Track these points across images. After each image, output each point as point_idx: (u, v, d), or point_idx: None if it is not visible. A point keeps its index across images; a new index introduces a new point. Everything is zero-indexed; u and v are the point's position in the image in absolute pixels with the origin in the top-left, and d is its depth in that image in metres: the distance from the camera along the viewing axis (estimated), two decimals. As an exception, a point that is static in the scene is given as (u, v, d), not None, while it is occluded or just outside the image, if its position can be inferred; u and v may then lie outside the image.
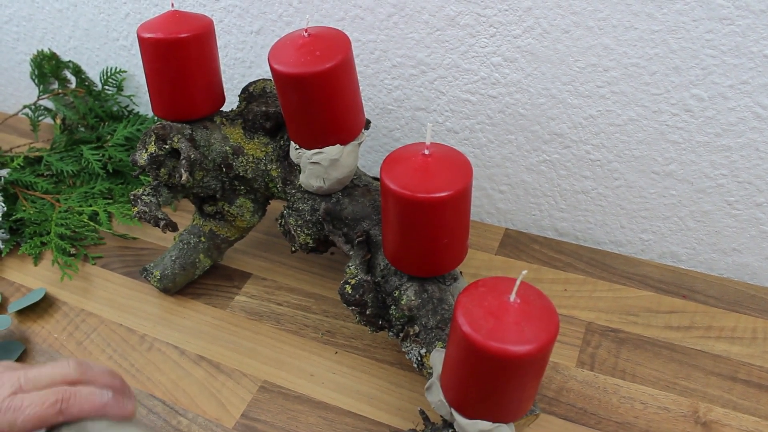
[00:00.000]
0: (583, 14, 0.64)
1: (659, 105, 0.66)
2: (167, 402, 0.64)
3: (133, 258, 0.82)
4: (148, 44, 0.61)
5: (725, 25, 0.59)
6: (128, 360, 0.69)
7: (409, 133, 0.82)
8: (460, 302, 0.44)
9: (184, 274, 0.74)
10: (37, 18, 1.00)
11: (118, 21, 0.93)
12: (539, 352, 0.41)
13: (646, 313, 0.69)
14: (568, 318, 0.69)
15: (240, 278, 0.78)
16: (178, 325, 0.72)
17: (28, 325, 0.73)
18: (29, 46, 1.05)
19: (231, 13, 0.84)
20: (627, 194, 0.75)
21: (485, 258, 0.78)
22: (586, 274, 0.75)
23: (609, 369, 0.64)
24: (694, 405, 0.60)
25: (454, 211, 0.49)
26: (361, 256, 0.60)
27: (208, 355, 0.68)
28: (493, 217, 0.86)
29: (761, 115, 0.63)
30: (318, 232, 0.65)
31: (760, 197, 0.68)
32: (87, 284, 0.78)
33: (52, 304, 0.76)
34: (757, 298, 0.70)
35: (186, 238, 0.74)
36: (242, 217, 0.72)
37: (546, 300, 0.44)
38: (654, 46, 0.63)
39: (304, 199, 0.65)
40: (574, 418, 0.60)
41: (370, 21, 0.75)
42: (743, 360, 0.64)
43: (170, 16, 0.62)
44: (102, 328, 0.72)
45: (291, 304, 0.74)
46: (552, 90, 0.70)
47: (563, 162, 0.75)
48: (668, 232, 0.75)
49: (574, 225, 0.81)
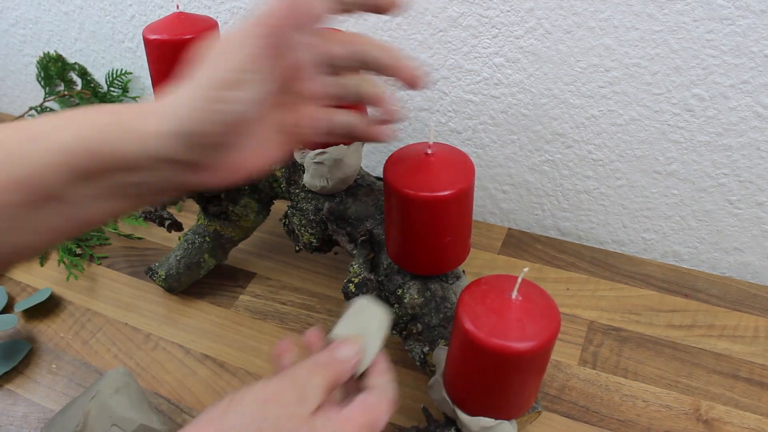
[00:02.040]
0: (584, 15, 0.64)
1: (661, 105, 0.67)
2: (172, 400, 0.64)
3: (139, 258, 0.83)
4: (154, 46, 0.62)
5: (726, 25, 0.60)
6: (133, 359, 0.69)
7: (412, 134, 0.83)
8: (463, 299, 0.44)
9: (189, 274, 0.74)
10: (44, 20, 1.01)
11: (124, 23, 0.94)
12: (541, 349, 0.42)
13: (648, 312, 0.69)
14: (571, 317, 0.70)
15: (244, 278, 0.78)
16: (183, 324, 0.73)
17: (34, 325, 0.74)
18: (35, 48, 1.06)
19: (236, 15, 0.84)
20: (629, 194, 0.75)
21: (488, 258, 0.78)
22: (589, 273, 0.75)
23: (611, 367, 0.64)
24: (695, 403, 0.60)
25: (456, 210, 0.50)
26: (364, 255, 0.60)
27: (212, 354, 0.69)
28: (495, 217, 0.86)
29: (762, 114, 0.63)
30: (322, 232, 0.65)
31: (761, 196, 0.68)
32: (92, 284, 0.79)
33: (58, 303, 0.77)
34: (759, 297, 0.70)
35: (191, 238, 0.74)
36: (246, 217, 0.72)
37: (547, 297, 0.44)
38: (655, 47, 0.63)
39: (308, 199, 0.65)
40: (576, 416, 0.60)
41: (373, 22, 0.75)
42: (745, 358, 0.64)
43: (175, 18, 0.63)
44: (107, 328, 0.73)
45: (295, 304, 0.74)
46: (554, 90, 0.71)
47: (565, 162, 0.76)
48: (670, 232, 0.76)
49: (577, 224, 0.81)
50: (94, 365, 0.69)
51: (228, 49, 0.38)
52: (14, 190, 0.38)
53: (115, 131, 0.39)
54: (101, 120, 0.40)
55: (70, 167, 0.39)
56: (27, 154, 0.39)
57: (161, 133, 0.38)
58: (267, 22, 0.37)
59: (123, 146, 0.39)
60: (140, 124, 0.39)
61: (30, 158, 0.38)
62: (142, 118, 0.39)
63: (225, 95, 0.37)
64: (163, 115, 0.38)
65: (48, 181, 0.39)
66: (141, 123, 0.39)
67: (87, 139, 0.39)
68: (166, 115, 0.38)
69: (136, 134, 0.39)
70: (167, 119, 0.38)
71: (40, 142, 0.39)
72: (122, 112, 0.40)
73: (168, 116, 0.38)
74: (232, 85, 0.37)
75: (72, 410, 0.56)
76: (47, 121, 0.41)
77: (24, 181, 0.39)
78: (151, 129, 0.39)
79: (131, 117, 0.40)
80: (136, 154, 0.39)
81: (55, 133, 0.39)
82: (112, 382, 0.57)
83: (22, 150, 0.39)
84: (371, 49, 0.41)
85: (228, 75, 0.37)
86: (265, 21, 0.37)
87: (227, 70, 0.37)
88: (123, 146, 0.39)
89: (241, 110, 0.38)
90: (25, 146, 0.39)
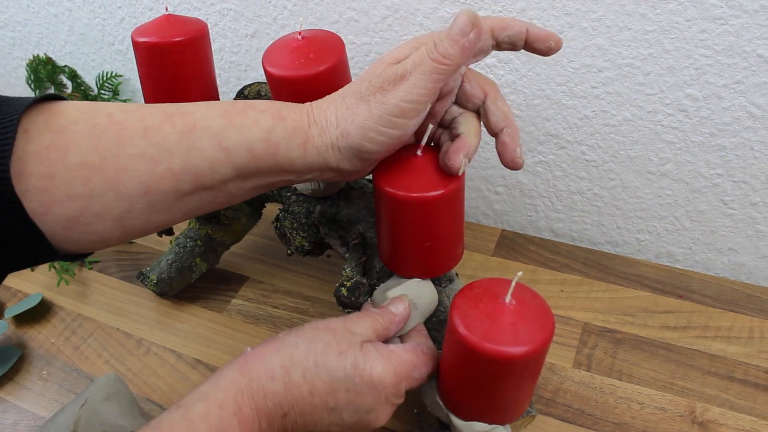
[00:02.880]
0: (576, 15, 0.64)
1: (654, 105, 0.66)
2: (164, 406, 0.64)
3: (130, 262, 0.82)
4: (143, 48, 0.61)
5: (719, 25, 0.59)
6: (125, 364, 0.68)
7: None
8: (456, 304, 0.44)
9: (181, 278, 0.74)
10: (33, 23, 1.00)
11: (114, 25, 0.93)
12: (535, 353, 0.41)
13: (642, 313, 0.69)
14: (565, 319, 0.69)
15: (236, 281, 0.78)
16: (175, 329, 0.72)
17: (24, 330, 0.73)
18: (25, 51, 1.05)
19: (226, 17, 0.84)
20: (623, 194, 0.75)
21: (481, 259, 0.78)
22: (583, 274, 0.75)
23: (606, 369, 0.64)
24: (690, 405, 0.60)
25: (447, 211, 0.49)
26: (356, 259, 0.60)
27: (205, 359, 0.68)
28: (489, 219, 0.86)
29: (755, 114, 0.63)
30: (314, 235, 0.65)
31: (755, 196, 0.68)
32: (84, 289, 0.78)
33: (49, 309, 0.76)
34: (753, 298, 0.70)
35: (182, 241, 0.74)
36: (238, 221, 0.72)
37: (541, 301, 0.44)
38: (648, 47, 0.63)
39: (300, 202, 0.65)
40: (570, 419, 0.60)
41: (364, 23, 0.75)
42: (740, 359, 0.64)
43: (164, 20, 0.62)
44: (99, 333, 0.72)
45: (287, 307, 0.74)
46: (547, 91, 0.70)
47: (559, 163, 0.75)
48: (664, 232, 0.75)
49: (570, 226, 0.81)
50: (86, 371, 0.68)
51: (405, 76, 0.42)
52: (187, 180, 0.42)
53: (282, 138, 0.43)
54: (265, 123, 0.43)
55: (233, 165, 0.43)
56: (199, 147, 0.42)
57: (331, 146, 0.43)
58: (445, 62, 0.41)
59: (289, 153, 0.43)
60: (308, 135, 0.43)
61: (202, 150, 0.42)
62: (308, 128, 0.44)
63: (396, 122, 0.42)
64: (335, 129, 0.43)
65: (217, 175, 0.43)
66: (308, 133, 0.43)
67: (250, 142, 0.43)
68: (338, 130, 0.43)
69: (304, 143, 0.43)
70: (339, 135, 0.43)
71: (203, 137, 0.42)
72: (285, 117, 0.44)
73: (340, 132, 0.43)
74: (404, 114, 0.42)
75: (62, 418, 0.56)
76: (202, 111, 0.44)
77: (197, 173, 0.43)
78: (318, 142, 0.43)
79: (296, 124, 0.44)
80: (301, 160, 0.44)
81: (215, 128, 0.43)
82: (102, 389, 0.57)
83: (189, 142, 0.42)
84: (495, 95, 0.45)
85: (403, 106, 0.42)
86: (443, 60, 0.41)
87: (404, 101, 0.42)
88: (289, 153, 0.43)
89: (405, 134, 0.44)
90: (191, 138, 0.42)
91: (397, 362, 0.46)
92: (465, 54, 0.41)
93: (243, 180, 0.44)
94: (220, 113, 0.43)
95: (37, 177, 0.39)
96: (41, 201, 0.39)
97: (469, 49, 0.41)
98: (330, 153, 0.44)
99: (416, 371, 0.47)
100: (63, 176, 0.39)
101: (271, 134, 0.43)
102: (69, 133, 0.40)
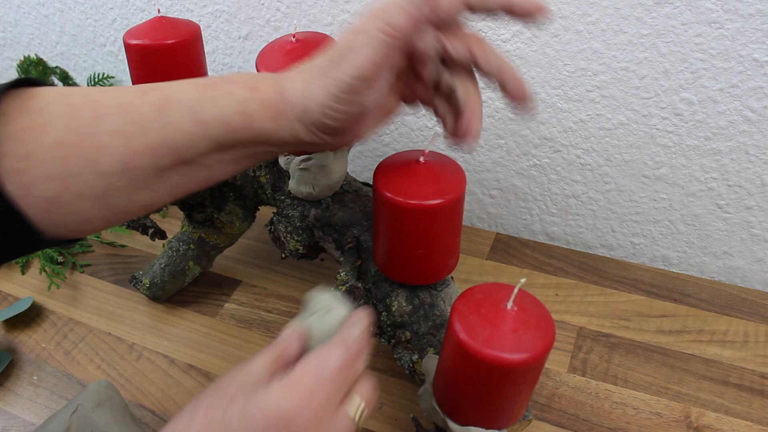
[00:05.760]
0: (572, 18, 0.64)
1: (649, 109, 0.66)
2: (157, 412, 0.63)
3: (122, 266, 0.81)
4: (135, 51, 0.61)
5: (714, 29, 0.59)
6: (117, 369, 0.68)
7: (398, 138, 0.82)
8: (457, 309, 0.44)
9: (174, 282, 0.73)
10: (24, 23, 0.99)
11: (105, 26, 0.93)
12: (535, 361, 0.41)
13: (637, 317, 0.69)
14: (560, 323, 0.69)
15: (229, 285, 0.77)
16: (167, 333, 0.72)
17: (15, 335, 0.72)
18: (16, 51, 1.05)
19: (218, 19, 0.83)
20: (618, 198, 0.74)
21: (476, 263, 0.78)
22: (578, 278, 0.74)
23: (601, 374, 0.64)
24: (686, 410, 0.60)
25: (443, 221, 0.49)
26: (351, 263, 0.59)
27: (197, 364, 0.68)
28: (483, 222, 0.85)
29: (751, 118, 0.63)
30: (308, 239, 0.64)
31: (750, 200, 0.68)
32: (75, 293, 0.78)
33: (40, 313, 0.75)
34: (748, 302, 0.70)
35: (175, 245, 0.73)
36: (231, 224, 0.71)
37: (542, 308, 0.44)
38: (643, 50, 0.63)
39: (294, 206, 0.64)
40: (566, 424, 0.60)
41: (359, 26, 0.74)
42: (735, 364, 0.64)
43: (157, 22, 0.62)
44: (90, 337, 0.72)
45: (281, 312, 0.73)
46: (541, 94, 0.70)
47: (553, 166, 0.75)
48: (659, 236, 0.75)
49: (565, 229, 0.81)
50: (77, 376, 0.67)
51: (353, 49, 0.40)
52: (165, 155, 0.41)
53: (255, 110, 0.42)
54: (239, 95, 0.42)
55: (209, 138, 0.42)
56: (175, 121, 0.41)
57: (297, 120, 0.42)
58: (391, 33, 0.39)
59: (263, 125, 0.42)
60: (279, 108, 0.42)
61: (178, 124, 0.41)
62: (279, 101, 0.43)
63: (348, 99, 0.41)
64: (299, 105, 0.42)
65: (195, 149, 0.42)
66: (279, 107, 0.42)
67: (225, 114, 0.42)
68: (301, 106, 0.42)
69: (276, 117, 0.42)
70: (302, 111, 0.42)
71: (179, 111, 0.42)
72: (258, 88, 0.43)
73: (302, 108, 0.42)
74: (354, 91, 0.40)
75: (52, 425, 0.55)
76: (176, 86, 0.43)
77: (175, 147, 0.42)
78: (288, 115, 0.43)
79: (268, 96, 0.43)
80: (276, 133, 0.43)
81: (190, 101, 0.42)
82: (93, 396, 0.56)
83: (164, 116, 0.41)
84: (485, 53, 0.43)
85: (352, 82, 0.40)
86: (389, 30, 0.39)
87: (351, 77, 0.40)
88: (263, 125, 0.42)
89: (362, 109, 0.42)
90: (166, 112, 0.41)
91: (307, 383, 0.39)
92: (415, 23, 0.39)
93: (222, 152, 0.43)
94: (195, 87, 0.43)
95: (14, 158, 0.38)
96: (20, 182, 0.38)
97: (419, 19, 0.39)
98: (298, 127, 0.43)
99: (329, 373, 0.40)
100: (40, 156, 0.39)
101: (246, 106, 0.42)
102: (45, 113, 0.40)
